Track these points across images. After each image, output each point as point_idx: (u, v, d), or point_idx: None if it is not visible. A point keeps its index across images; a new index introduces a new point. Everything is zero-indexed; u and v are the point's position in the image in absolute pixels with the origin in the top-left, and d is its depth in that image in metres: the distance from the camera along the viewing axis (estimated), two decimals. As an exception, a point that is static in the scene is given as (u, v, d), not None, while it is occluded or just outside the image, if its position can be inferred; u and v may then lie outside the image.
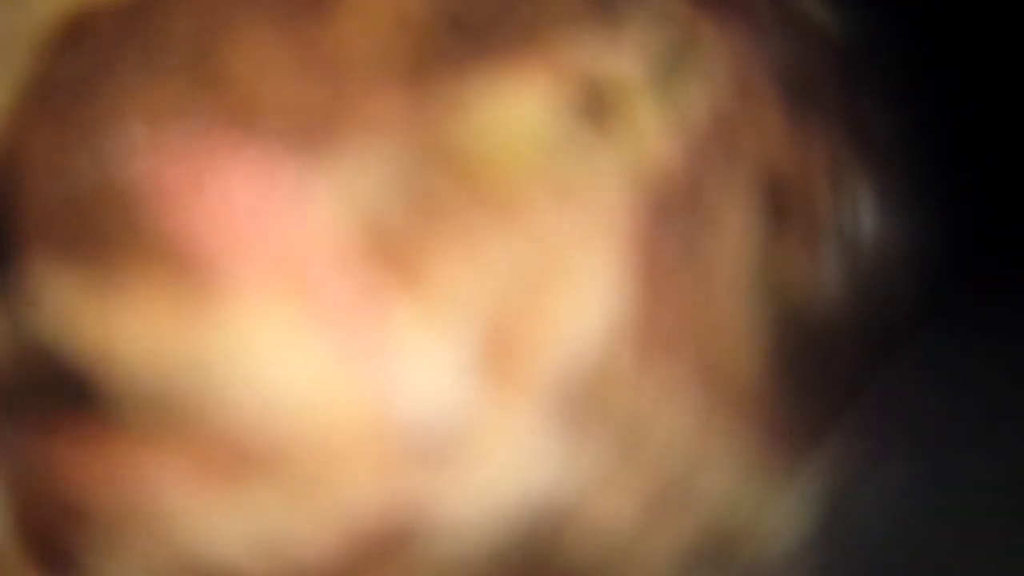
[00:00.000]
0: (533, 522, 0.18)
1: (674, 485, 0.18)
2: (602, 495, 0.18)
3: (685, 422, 0.18)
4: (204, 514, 0.17)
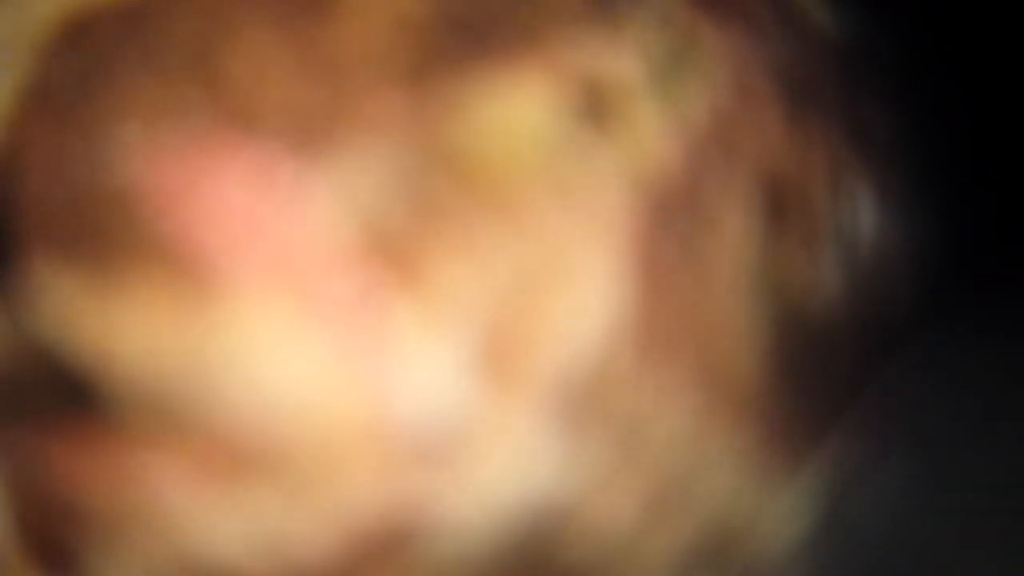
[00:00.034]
0: (533, 522, 0.18)
1: (674, 485, 0.18)
2: (602, 495, 0.18)
3: (685, 422, 0.18)
4: (204, 514, 0.17)
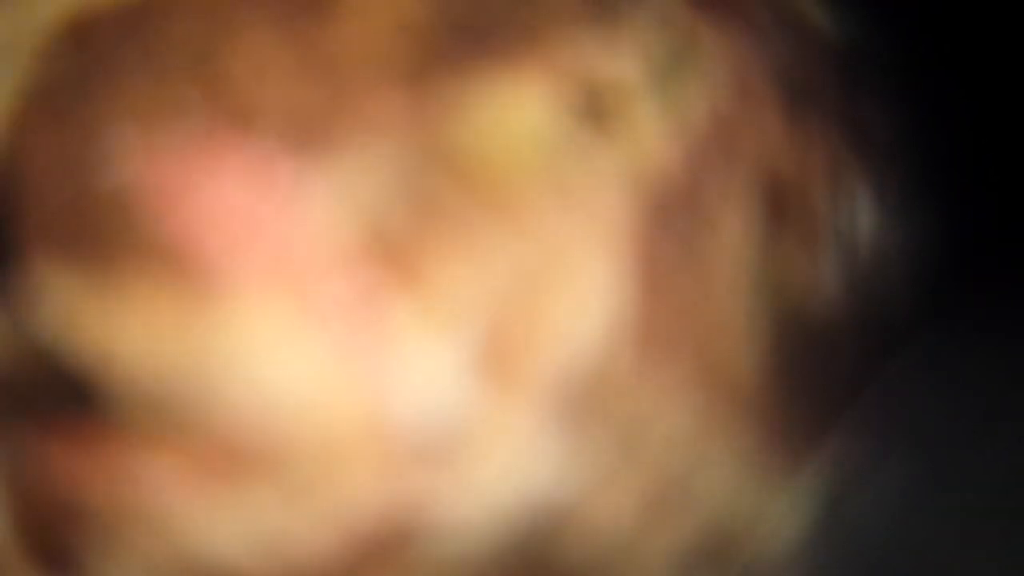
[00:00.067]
0: (533, 522, 0.18)
1: (674, 485, 0.18)
2: (602, 495, 0.18)
3: (685, 422, 0.18)
4: (204, 514, 0.17)
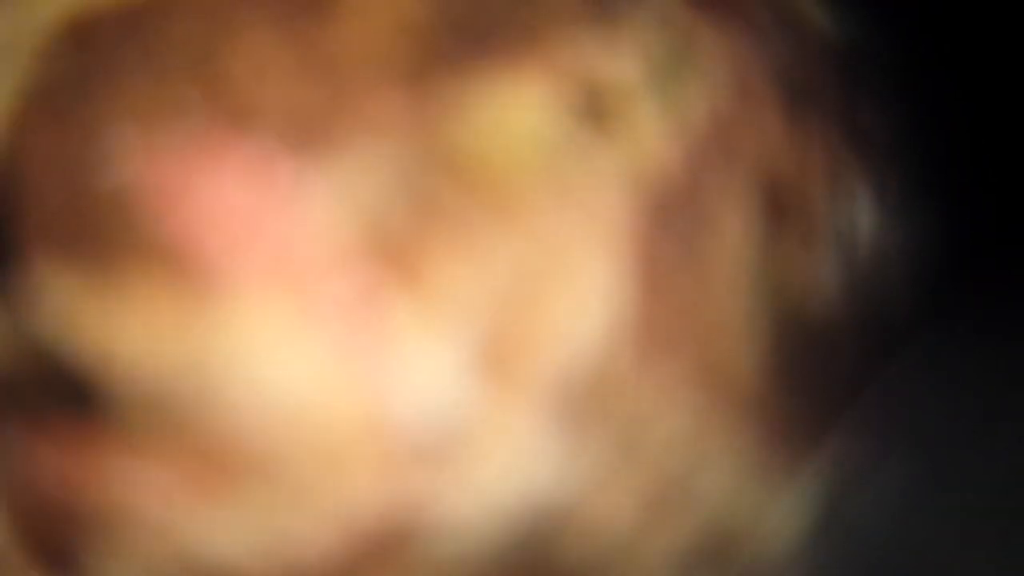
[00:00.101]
0: (533, 522, 0.18)
1: (674, 485, 0.18)
2: (602, 495, 0.18)
3: (685, 422, 0.18)
4: (203, 514, 0.17)
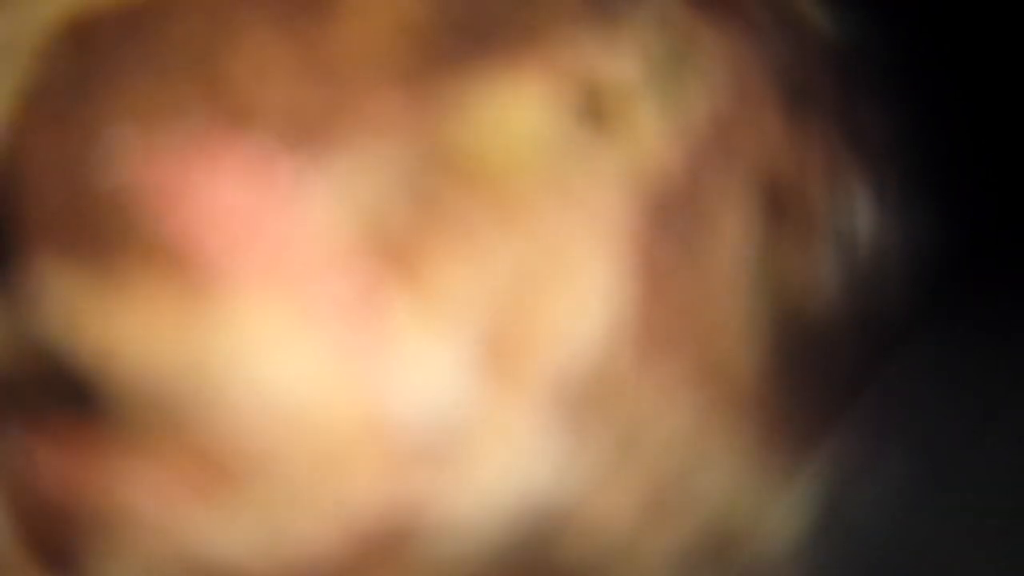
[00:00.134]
0: (533, 522, 0.18)
1: (674, 485, 0.18)
2: (602, 495, 0.18)
3: (684, 422, 0.18)
4: (204, 514, 0.17)
